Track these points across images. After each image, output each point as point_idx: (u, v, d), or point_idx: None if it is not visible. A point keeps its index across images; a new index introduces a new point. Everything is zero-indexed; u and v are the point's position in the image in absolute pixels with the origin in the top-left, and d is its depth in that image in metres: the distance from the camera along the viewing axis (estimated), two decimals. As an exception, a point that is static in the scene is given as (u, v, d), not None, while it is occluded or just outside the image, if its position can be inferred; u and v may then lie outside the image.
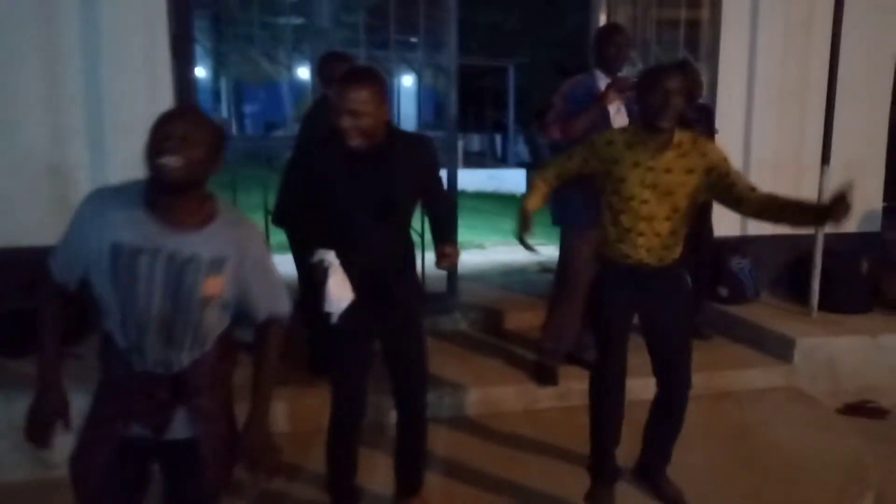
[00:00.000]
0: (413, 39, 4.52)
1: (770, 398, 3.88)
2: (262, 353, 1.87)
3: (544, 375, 3.67)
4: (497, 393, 3.64)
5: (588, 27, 4.57)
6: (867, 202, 5.02)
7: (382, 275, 2.38)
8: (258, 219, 2.48)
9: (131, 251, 1.64)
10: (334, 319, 2.31)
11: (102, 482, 1.77)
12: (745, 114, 4.77)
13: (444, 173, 4.42)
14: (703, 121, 4.11)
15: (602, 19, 4.57)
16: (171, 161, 1.59)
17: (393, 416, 2.73)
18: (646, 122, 2.45)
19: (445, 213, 2.56)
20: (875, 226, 5.11)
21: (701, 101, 4.29)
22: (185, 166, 1.60)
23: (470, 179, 12.65)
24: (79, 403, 1.81)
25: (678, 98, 2.38)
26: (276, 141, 8.62)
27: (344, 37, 4.95)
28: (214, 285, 1.70)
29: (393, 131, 2.32)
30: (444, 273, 4.54)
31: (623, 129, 2.60)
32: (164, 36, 3.73)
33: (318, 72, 3.62)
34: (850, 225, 4.86)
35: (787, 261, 4.90)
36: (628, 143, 2.49)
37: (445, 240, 2.44)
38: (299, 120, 3.75)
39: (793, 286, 4.80)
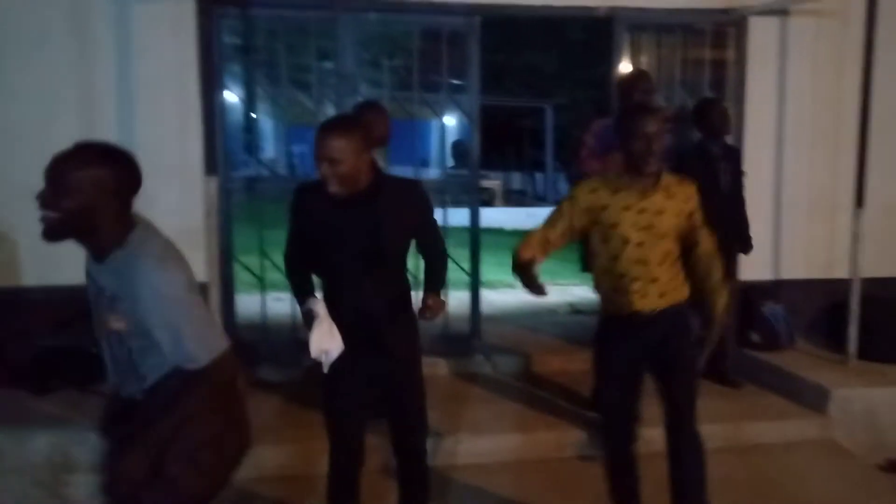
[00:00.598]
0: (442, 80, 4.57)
1: (803, 451, 3.70)
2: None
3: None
4: (515, 440, 3.56)
5: (611, 68, 4.55)
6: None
7: (373, 322, 2.37)
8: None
9: (88, 274, 1.78)
10: (324, 369, 2.32)
11: None
12: (774, 155, 4.67)
13: (464, 213, 4.46)
14: (729, 160, 4.04)
15: (626, 60, 4.56)
16: (45, 213, 1.65)
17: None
18: (630, 168, 2.42)
19: (435, 260, 2.53)
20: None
21: (728, 141, 4.22)
22: (56, 220, 1.66)
23: (509, 217, 12.68)
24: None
25: (659, 141, 2.36)
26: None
27: (370, 78, 5.04)
28: (117, 321, 1.70)
29: (380, 176, 2.33)
30: (467, 313, 4.54)
31: (603, 177, 2.54)
32: (194, 84, 3.86)
33: None
34: (891, 269, 4.70)
35: (824, 306, 4.73)
36: (613, 189, 2.45)
37: (430, 290, 2.44)
38: None
39: (830, 333, 4.61)
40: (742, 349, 4.52)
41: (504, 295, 6.79)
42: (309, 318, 2.29)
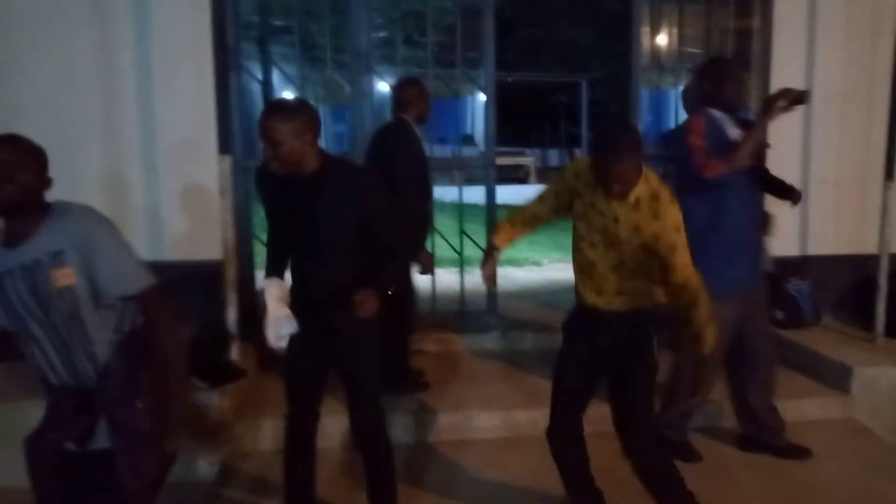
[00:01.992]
0: (463, 56, 4.54)
1: (823, 431, 3.62)
2: (154, 329, 1.95)
3: (682, 453, 3.26)
4: (526, 415, 3.55)
5: (630, 41, 4.44)
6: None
7: (320, 303, 2.40)
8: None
9: None
10: (276, 347, 2.41)
11: (49, 492, 1.94)
12: (802, 128, 4.52)
13: (480, 190, 4.44)
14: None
15: (646, 32, 4.45)
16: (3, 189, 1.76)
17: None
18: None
19: (380, 256, 2.40)
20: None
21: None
22: (14, 192, 1.77)
23: (542, 195, 12.59)
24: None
25: (629, 175, 2.18)
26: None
27: (380, 55, 5.03)
28: (64, 275, 1.80)
29: (327, 161, 2.32)
30: (483, 290, 4.53)
31: (588, 164, 2.36)
32: (209, 62, 3.89)
33: (392, 96, 3.78)
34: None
35: (852, 282, 4.59)
36: (591, 182, 2.32)
37: (365, 284, 2.30)
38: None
39: (858, 310, 4.48)
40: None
41: (528, 272, 6.78)
42: (261, 299, 2.39)
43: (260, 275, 4.05)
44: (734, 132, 3.03)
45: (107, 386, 1.91)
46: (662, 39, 4.66)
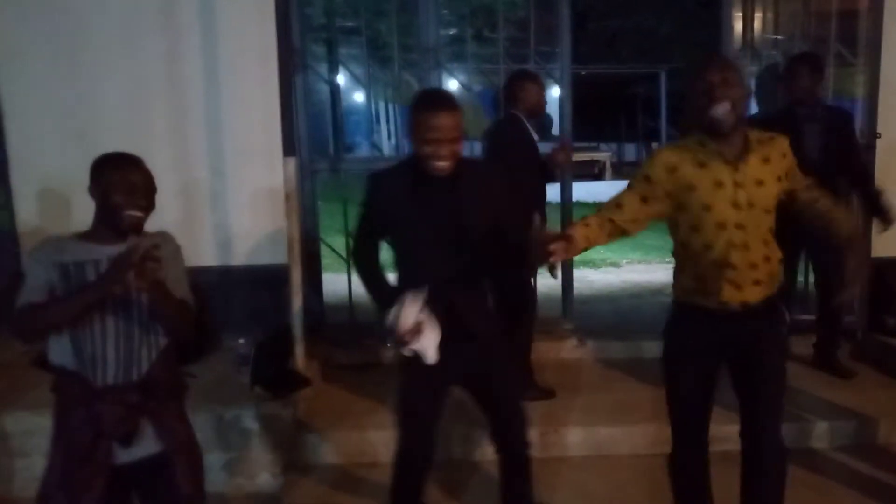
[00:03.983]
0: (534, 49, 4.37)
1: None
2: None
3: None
4: (606, 433, 3.32)
5: (720, 26, 4.12)
6: None
7: (455, 308, 2.23)
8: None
9: (77, 265, 1.89)
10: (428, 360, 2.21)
11: None
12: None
13: (555, 187, 4.22)
14: (824, 123, 3.56)
15: (737, 16, 4.12)
16: (138, 214, 1.94)
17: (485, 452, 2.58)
18: (707, 130, 2.02)
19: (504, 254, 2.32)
20: None
21: (829, 102, 3.73)
22: (148, 213, 1.97)
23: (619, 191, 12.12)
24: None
25: (729, 90, 1.95)
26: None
27: (451, 52, 4.89)
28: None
29: (462, 159, 2.21)
30: (557, 293, 4.32)
31: (679, 147, 2.10)
32: (274, 64, 3.82)
33: (505, 90, 3.66)
34: None
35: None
36: (699, 162, 2.04)
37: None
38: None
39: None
40: (875, 334, 4.03)
41: (606, 274, 6.48)
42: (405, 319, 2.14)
43: (333, 279, 3.95)
44: None
45: (154, 390, 1.97)
46: (755, 24, 4.31)
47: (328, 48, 4.69)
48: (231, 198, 3.94)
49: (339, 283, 4.40)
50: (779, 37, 4.34)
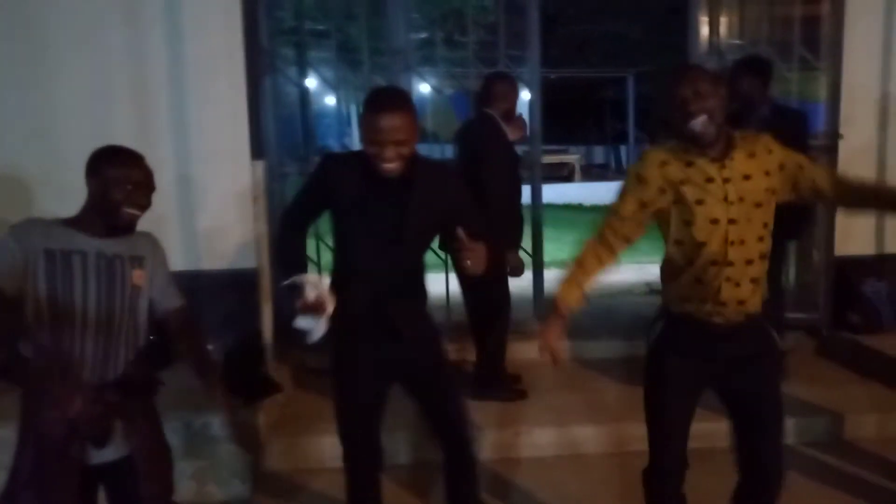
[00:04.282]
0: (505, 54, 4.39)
1: (909, 449, 3.29)
2: (187, 332, 2.16)
3: None
4: (572, 433, 3.33)
5: (687, 30, 4.17)
6: None
7: (389, 308, 2.20)
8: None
9: (63, 254, 1.88)
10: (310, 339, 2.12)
11: None
12: (877, 121, 4.17)
13: (525, 190, 4.23)
14: (777, 125, 3.60)
15: (703, 21, 4.17)
16: (136, 212, 1.96)
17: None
18: (685, 139, 2.00)
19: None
20: None
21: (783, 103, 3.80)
22: (142, 214, 1.98)
23: (589, 193, 12.24)
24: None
25: (710, 100, 1.94)
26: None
27: (421, 56, 4.89)
28: (139, 276, 2.00)
29: (417, 160, 2.15)
30: (529, 296, 4.33)
31: (667, 147, 2.07)
32: (241, 67, 3.77)
33: (482, 90, 3.65)
34: None
35: (937, 284, 4.22)
36: (686, 161, 2.02)
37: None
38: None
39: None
40: (839, 331, 4.11)
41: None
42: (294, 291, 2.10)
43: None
44: None
45: (130, 390, 1.97)
46: (721, 29, 4.37)
47: (297, 51, 4.65)
48: (199, 201, 3.88)
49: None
50: (743, 42, 4.40)
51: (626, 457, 3.14)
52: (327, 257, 3.29)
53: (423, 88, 5.19)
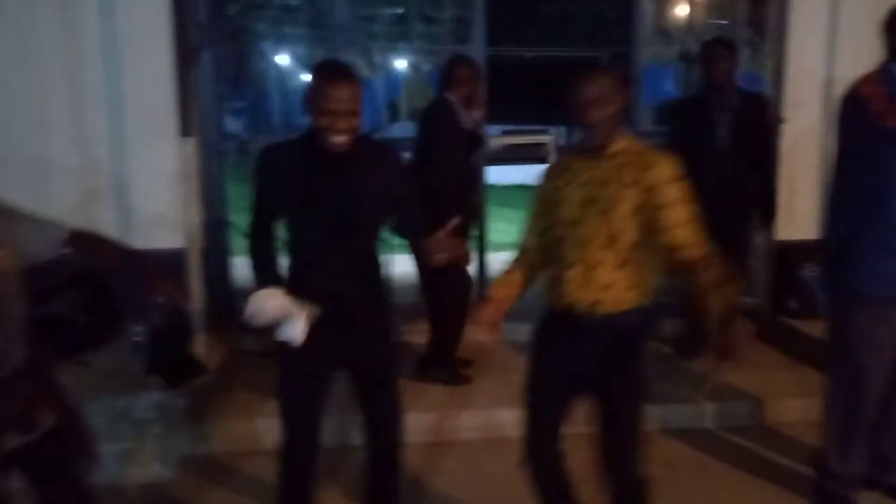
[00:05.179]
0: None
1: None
2: (94, 244, 2.01)
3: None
4: (503, 416, 3.32)
5: (633, 12, 4.13)
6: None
7: (341, 297, 2.17)
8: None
9: None
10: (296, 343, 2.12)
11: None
12: (822, 101, 4.14)
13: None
14: (736, 111, 3.60)
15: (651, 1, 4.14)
16: None
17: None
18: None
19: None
20: None
21: (742, 85, 3.78)
22: None
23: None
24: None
25: (601, 108, 1.95)
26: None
27: (397, 32, 4.83)
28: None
29: (360, 138, 2.12)
30: (475, 279, 4.30)
31: (565, 153, 2.23)
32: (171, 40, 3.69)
33: (443, 73, 3.59)
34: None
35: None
36: (566, 165, 2.11)
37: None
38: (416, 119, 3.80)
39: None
40: (778, 316, 4.13)
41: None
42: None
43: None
44: None
45: (36, 371, 1.91)
46: (669, 10, 4.34)
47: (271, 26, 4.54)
48: (133, 179, 3.78)
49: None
50: (692, 23, 4.37)
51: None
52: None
53: (400, 65, 5.11)
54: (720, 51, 3.60)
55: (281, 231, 2.28)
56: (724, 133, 3.53)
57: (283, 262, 2.27)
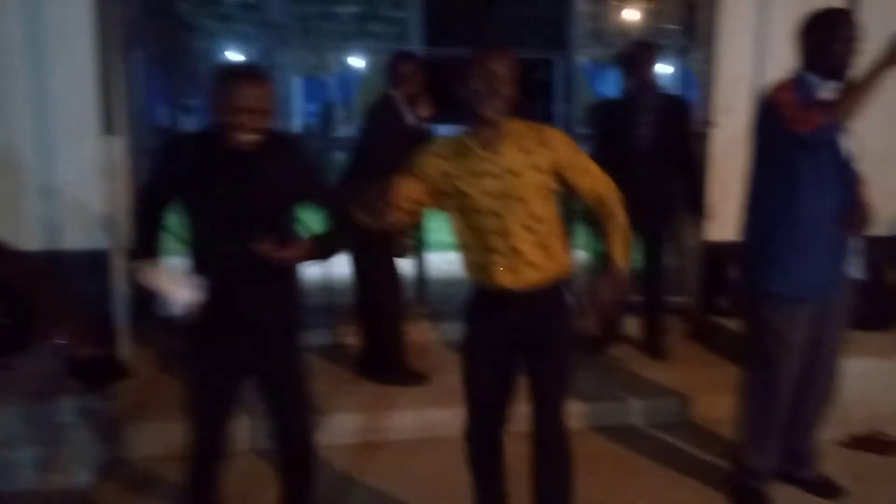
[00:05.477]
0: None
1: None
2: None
3: (752, 500, 2.80)
4: (436, 417, 3.33)
5: (569, 12, 4.18)
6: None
7: (242, 293, 2.15)
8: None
9: None
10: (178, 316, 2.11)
11: None
12: (750, 103, 4.23)
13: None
14: (658, 112, 3.69)
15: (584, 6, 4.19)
16: None
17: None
18: (471, 116, 2.04)
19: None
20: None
21: (668, 90, 3.88)
22: None
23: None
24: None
25: (506, 85, 1.99)
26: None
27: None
28: None
29: (270, 134, 2.12)
30: (414, 278, 4.31)
31: (448, 138, 2.17)
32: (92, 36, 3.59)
33: (387, 70, 3.56)
34: (883, 229, 4.27)
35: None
36: (459, 152, 2.09)
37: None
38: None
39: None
40: (709, 316, 4.22)
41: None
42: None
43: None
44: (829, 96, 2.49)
45: None
46: (603, 12, 4.40)
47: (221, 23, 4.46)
48: (57, 178, 3.69)
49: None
50: (631, 27, 4.44)
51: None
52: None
53: (357, 63, 5.08)
54: (641, 54, 3.70)
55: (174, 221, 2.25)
56: (646, 133, 3.60)
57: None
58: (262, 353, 2.23)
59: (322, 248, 2.18)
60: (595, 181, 2.15)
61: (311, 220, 2.32)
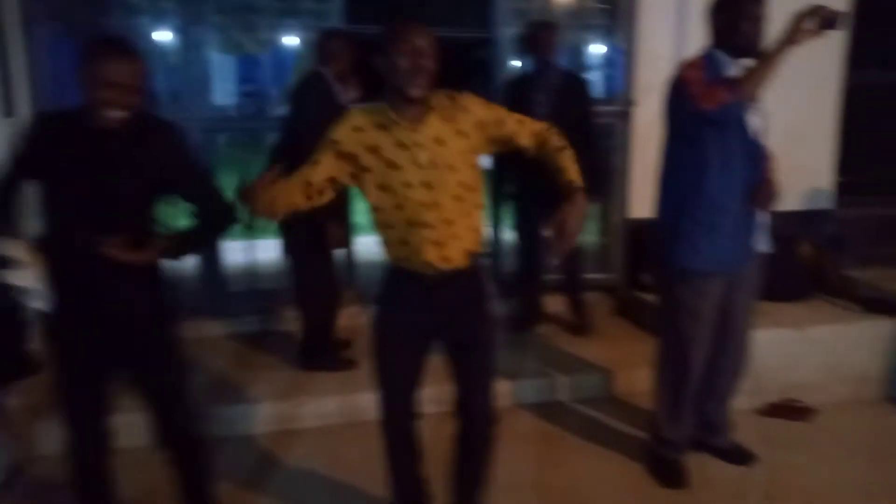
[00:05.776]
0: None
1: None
2: None
3: (670, 474, 2.86)
4: (360, 401, 3.30)
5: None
6: (813, 177, 4.57)
7: (106, 281, 2.05)
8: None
9: None
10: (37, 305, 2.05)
11: None
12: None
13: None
14: (557, 92, 3.73)
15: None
16: None
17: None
18: (394, 92, 1.98)
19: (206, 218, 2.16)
20: (824, 203, 4.66)
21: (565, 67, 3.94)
22: None
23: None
24: None
25: (429, 60, 1.94)
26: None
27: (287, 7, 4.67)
28: None
29: (139, 114, 2.01)
30: (343, 263, 4.26)
31: (365, 110, 2.08)
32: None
33: (316, 48, 3.45)
34: (795, 203, 4.44)
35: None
36: (380, 124, 2.02)
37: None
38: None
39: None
40: (633, 292, 4.30)
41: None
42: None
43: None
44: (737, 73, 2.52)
45: None
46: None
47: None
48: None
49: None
50: (553, 4, 4.44)
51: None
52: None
53: (290, 41, 4.92)
54: (542, 33, 3.74)
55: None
56: (545, 111, 3.61)
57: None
58: (128, 348, 2.14)
59: (178, 248, 2.07)
60: (527, 125, 2.12)
61: (170, 215, 2.25)
